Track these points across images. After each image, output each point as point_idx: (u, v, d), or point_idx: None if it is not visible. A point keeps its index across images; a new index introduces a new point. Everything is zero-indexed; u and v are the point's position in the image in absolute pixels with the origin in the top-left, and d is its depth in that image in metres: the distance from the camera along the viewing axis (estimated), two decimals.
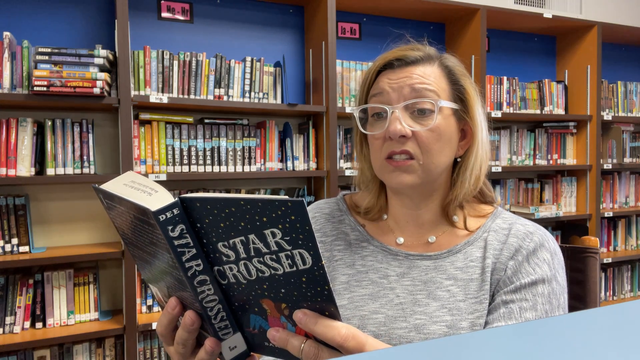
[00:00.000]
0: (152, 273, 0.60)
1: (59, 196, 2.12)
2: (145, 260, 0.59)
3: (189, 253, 0.52)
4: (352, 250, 0.86)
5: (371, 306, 0.79)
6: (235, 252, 0.51)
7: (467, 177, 0.82)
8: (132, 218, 0.54)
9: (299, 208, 0.46)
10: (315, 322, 0.51)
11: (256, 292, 0.54)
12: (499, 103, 2.84)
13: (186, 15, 2.34)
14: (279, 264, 0.50)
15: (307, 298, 0.51)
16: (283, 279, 0.51)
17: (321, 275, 0.49)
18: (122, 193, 0.53)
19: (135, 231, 0.56)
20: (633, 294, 3.27)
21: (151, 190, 0.53)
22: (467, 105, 0.82)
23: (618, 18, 3.44)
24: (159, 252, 0.53)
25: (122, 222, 0.58)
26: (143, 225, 0.52)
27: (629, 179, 3.30)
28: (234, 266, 0.52)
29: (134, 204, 0.50)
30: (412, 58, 0.81)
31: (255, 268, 0.52)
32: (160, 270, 0.57)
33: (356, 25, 2.72)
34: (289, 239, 0.48)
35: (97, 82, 1.87)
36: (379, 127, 0.80)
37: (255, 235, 0.49)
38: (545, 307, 0.74)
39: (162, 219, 0.49)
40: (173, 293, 0.58)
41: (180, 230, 0.50)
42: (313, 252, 0.48)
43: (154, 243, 0.53)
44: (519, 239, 0.79)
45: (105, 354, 2.06)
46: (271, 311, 0.54)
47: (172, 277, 0.55)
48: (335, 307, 0.51)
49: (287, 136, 2.36)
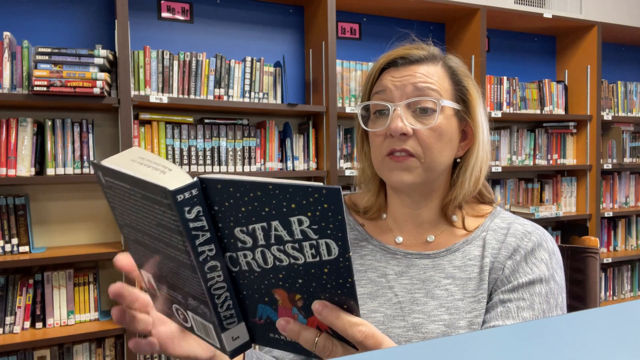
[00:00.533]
0: (150, 258, 0.57)
1: (59, 196, 2.12)
2: (145, 244, 0.56)
3: (202, 237, 0.49)
4: (351, 249, 0.86)
5: (370, 305, 0.80)
6: (254, 239, 0.49)
7: (467, 178, 0.82)
8: (139, 197, 0.51)
9: (334, 196, 0.43)
10: (338, 316, 0.49)
11: (269, 281, 0.51)
12: (499, 103, 2.84)
13: (186, 15, 2.34)
14: (300, 253, 0.48)
15: (327, 290, 0.49)
16: (302, 269, 0.49)
17: (346, 267, 0.47)
18: (131, 170, 0.50)
19: (140, 212, 0.52)
20: (633, 294, 3.27)
21: (164, 168, 0.49)
22: (469, 106, 0.82)
23: (618, 18, 3.44)
24: (167, 235, 0.51)
25: (123, 202, 0.54)
26: (152, 206, 0.49)
27: (629, 179, 3.30)
28: (249, 253, 0.50)
29: (148, 183, 0.47)
30: (416, 57, 0.81)
31: (272, 256, 0.49)
32: (163, 255, 0.54)
33: (356, 25, 2.72)
34: (316, 228, 0.46)
35: (97, 82, 1.87)
36: (381, 125, 0.80)
37: (279, 222, 0.47)
38: (542, 306, 0.74)
39: (180, 199, 0.46)
40: (171, 280, 0.56)
41: (197, 212, 0.48)
42: (342, 243, 0.46)
43: (162, 225, 0.50)
44: (517, 238, 0.79)
45: (105, 354, 2.06)
46: (283, 302, 0.52)
47: (177, 262, 0.52)
48: (355, 300, 0.49)
49: (287, 136, 2.36)
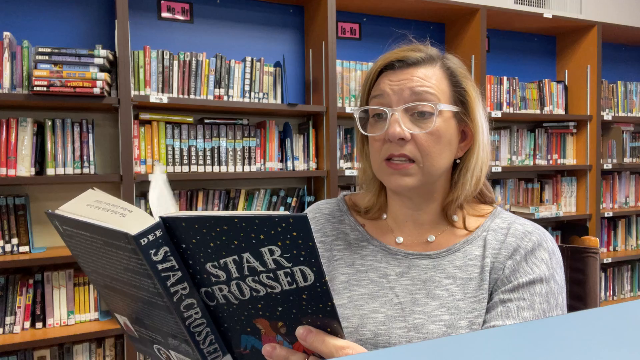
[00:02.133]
0: (123, 302, 0.55)
1: (59, 196, 2.12)
2: (115, 289, 0.54)
3: (174, 277, 0.47)
4: (352, 249, 0.86)
5: (370, 305, 0.80)
6: (227, 272, 0.48)
7: (468, 178, 0.82)
8: (102, 244, 0.48)
9: (301, 224, 0.43)
10: (322, 340, 0.48)
11: (249, 312, 0.50)
12: (499, 103, 2.84)
13: (186, 15, 2.34)
14: (276, 282, 0.47)
15: (308, 315, 0.49)
16: (281, 297, 0.48)
17: (324, 292, 0.46)
18: (88, 216, 0.48)
19: (104, 258, 0.50)
20: (633, 294, 3.27)
21: (123, 210, 0.47)
22: (468, 107, 0.82)
23: (618, 18, 3.44)
24: (136, 279, 0.49)
25: (85, 250, 0.52)
26: (116, 252, 0.48)
27: (629, 179, 3.30)
28: (224, 287, 0.49)
29: (108, 229, 0.45)
30: (414, 59, 0.81)
31: (249, 287, 0.48)
32: (136, 299, 0.52)
33: (356, 25, 2.72)
34: (288, 256, 0.45)
35: (97, 82, 1.87)
36: (379, 129, 0.80)
37: (250, 253, 0.46)
38: (542, 306, 0.74)
39: (144, 242, 0.45)
40: (147, 321, 0.54)
41: (164, 253, 0.46)
42: (316, 268, 0.45)
43: (130, 269, 0.48)
44: (518, 238, 0.79)
45: (105, 354, 2.06)
46: (266, 330, 0.51)
47: (151, 304, 0.50)
48: (338, 322, 0.49)
49: (287, 136, 2.36)
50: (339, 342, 0.49)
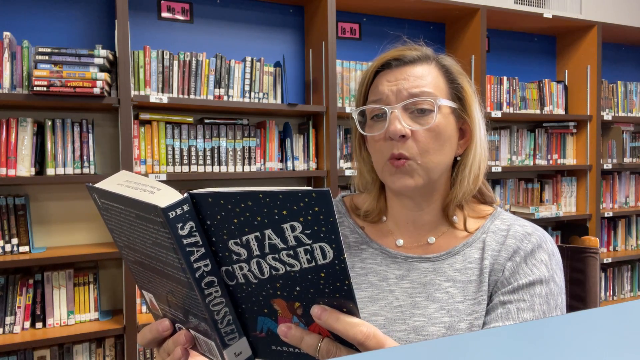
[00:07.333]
0: (150, 278, 0.58)
1: (59, 196, 2.12)
2: (144, 264, 0.56)
3: (197, 252, 0.49)
4: (352, 252, 0.86)
5: (370, 309, 0.80)
6: (248, 250, 0.49)
7: (466, 175, 0.82)
8: (134, 217, 0.51)
9: (323, 199, 0.43)
10: (337, 318, 0.49)
11: (267, 291, 0.51)
12: (499, 103, 2.84)
13: (186, 15, 2.34)
14: (296, 259, 0.48)
15: (325, 294, 0.49)
16: (299, 275, 0.48)
17: (342, 269, 0.47)
18: (121, 192, 0.51)
19: (136, 232, 0.53)
20: (633, 294, 3.27)
21: (152, 188, 0.50)
22: (465, 103, 0.82)
23: (618, 18, 3.44)
24: (162, 253, 0.51)
25: (119, 223, 0.55)
26: (146, 225, 0.50)
27: (629, 179, 3.30)
28: (244, 265, 0.50)
29: (140, 202, 0.48)
30: (410, 58, 0.81)
31: (268, 266, 0.49)
32: (162, 274, 0.54)
33: (356, 25, 2.72)
34: (309, 232, 0.45)
35: (97, 82, 1.87)
36: (378, 129, 0.80)
37: (272, 230, 0.47)
38: (542, 307, 0.74)
39: (172, 215, 0.46)
40: (170, 298, 0.56)
41: (190, 228, 0.48)
42: (335, 245, 0.46)
43: (157, 244, 0.50)
44: (517, 240, 0.79)
45: (105, 354, 2.06)
46: (282, 311, 0.52)
47: (175, 280, 0.52)
48: (354, 302, 0.49)
49: (287, 136, 2.36)
50: (354, 319, 0.49)
